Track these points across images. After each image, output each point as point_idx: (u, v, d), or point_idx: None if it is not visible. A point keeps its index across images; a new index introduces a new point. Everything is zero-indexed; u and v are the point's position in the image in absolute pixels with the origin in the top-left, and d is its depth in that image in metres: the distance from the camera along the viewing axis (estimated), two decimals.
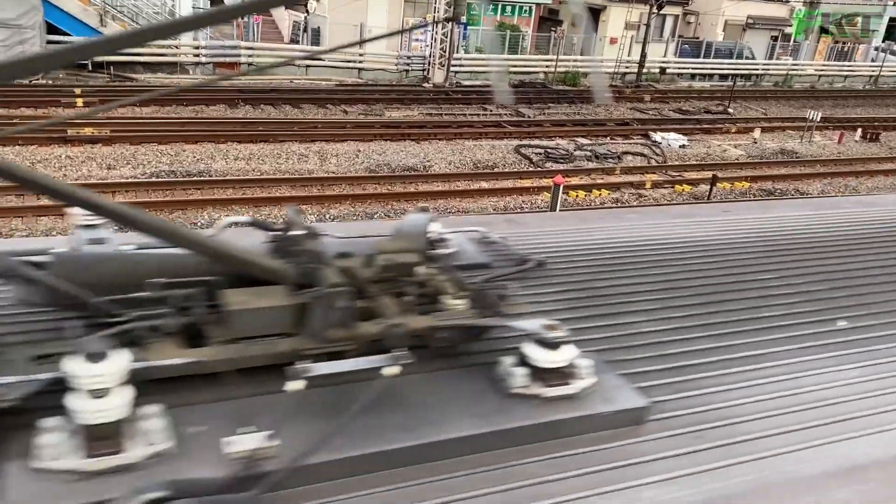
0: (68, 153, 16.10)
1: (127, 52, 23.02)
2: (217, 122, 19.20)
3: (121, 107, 19.57)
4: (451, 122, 22.02)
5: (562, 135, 21.66)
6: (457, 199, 15.95)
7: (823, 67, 37.69)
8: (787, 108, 29.00)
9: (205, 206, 14.13)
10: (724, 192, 17.94)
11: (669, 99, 28.68)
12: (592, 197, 16.89)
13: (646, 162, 20.05)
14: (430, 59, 26.82)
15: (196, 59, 24.52)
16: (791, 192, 18.73)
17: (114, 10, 23.29)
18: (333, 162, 17.53)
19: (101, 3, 22.86)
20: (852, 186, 19.54)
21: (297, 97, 22.63)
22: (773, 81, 35.01)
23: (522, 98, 26.01)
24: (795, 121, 25.62)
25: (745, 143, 23.19)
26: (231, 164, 16.68)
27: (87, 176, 15.02)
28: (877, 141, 24.68)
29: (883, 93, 35.38)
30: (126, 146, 16.88)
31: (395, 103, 23.69)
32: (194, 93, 21.48)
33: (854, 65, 38.83)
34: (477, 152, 19.31)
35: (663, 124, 23.99)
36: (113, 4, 23.44)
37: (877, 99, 33.61)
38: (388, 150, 18.82)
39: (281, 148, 18.00)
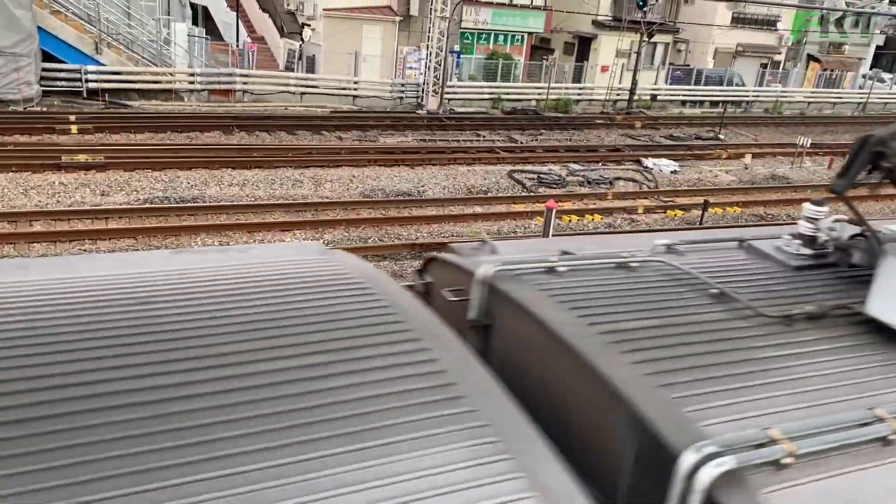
0: (62, 179, 16.05)
1: (122, 80, 23.20)
2: (211, 149, 19.18)
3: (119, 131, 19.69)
4: (444, 147, 22.10)
5: (554, 160, 21.76)
6: (450, 223, 15.97)
7: (812, 94, 38.09)
8: (777, 133, 29.24)
9: (198, 232, 14.11)
10: (716, 216, 18.03)
11: (660, 125, 28.89)
12: (585, 222, 16.91)
13: (638, 187, 20.11)
14: (424, 87, 26.98)
15: (191, 85, 24.57)
16: (783, 217, 18.80)
17: (109, 37, 23.35)
18: (328, 187, 17.56)
19: (97, 30, 22.93)
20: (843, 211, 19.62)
21: (292, 124, 22.70)
22: (763, 108, 35.31)
23: (515, 125, 26.20)
24: (786, 146, 25.79)
25: (736, 168, 23.32)
26: (225, 190, 16.67)
27: (80, 202, 14.98)
28: None
29: (871, 119, 35.70)
30: (120, 172, 16.85)
31: (390, 129, 23.77)
32: (189, 119, 21.57)
33: (842, 92, 39.25)
34: (470, 177, 19.38)
35: (655, 150, 24.15)
36: (108, 32, 23.50)
37: (865, 125, 33.82)
38: (383, 175, 18.88)
39: (275, 174, 18.02)
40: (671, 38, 36.39)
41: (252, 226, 14.60)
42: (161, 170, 17.26)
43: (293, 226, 14.86)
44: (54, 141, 18.47)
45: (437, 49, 26.35)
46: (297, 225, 14.91)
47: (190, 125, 21.12)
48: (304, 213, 15.64)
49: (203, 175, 17.30)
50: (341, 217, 15.52)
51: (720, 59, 37.54)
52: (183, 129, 20.83)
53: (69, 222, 13.98)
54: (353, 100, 27.01)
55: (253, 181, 17.31)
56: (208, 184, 16.85)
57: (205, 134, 20.77)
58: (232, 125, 21.64)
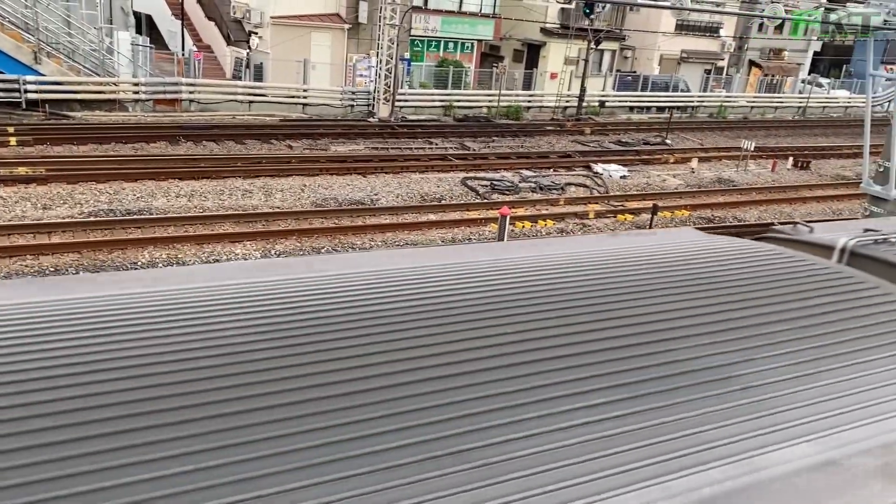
0: (1, 193, 15.51)
1: (63, 90, 22.56)
2: (158, 160, 18.81)
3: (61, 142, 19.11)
4: (397, 155, 22.06)
5: (507, 167, 21.90)
6: (405, 231, 15.94)
7: (755, 99, 39.06)
8: (722, 138, 29.89)
9: (146, 245, 13.77)
10: (665, 220, 18.31)
11: (609, 131, 29.27)
12: (538, 227, 17.03)
13: (588, 193, 20.32)
14: (375, 95, 26.89)
15: (136, 95, 24.05)
16: (730, 220, 19.20)
17: (49, 47, 22.70)
18: (279, 197, 17.33)
19: (36, 39, 22.27)
20: (787, 213, 20.14)
21: (241, 133, 22.39)
22: (708, 113, 36.10)
23: (467, 132, 26.27)
24: (731, 150, 26.38)
25: (683, 172, 23.73)
26: (172, 202, 16.32)
27: (21, 216, 14.50)
28: (807, 169, 25.56)
29: (811, 123, 36.84)
30: (63, 185, 16.36)
31: (341, 138, 23.64)
32: (134, 129, 21.10)
33: (783, 96, 40.32)
34: (424, 185, 19.36)
35: (604, 156, 24.46)
36: (48, 41, 22.83)
37: (805, 129, 34.97)
38: (335, 184, 18.73)
39: (224, 184, 17.72)
40: (618, 46, 36.95)
41: (201, 237, 14.31)
42: (105, 182, 16.81)
43: (243, 237, 14.64)
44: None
45: (387, 57, 26.32)
46: (247, 236, 14.69)
47: (135, 136, 20.65)
48: (255, 224, 15.41)
49: (149, 186, 16.91)
50: (293, 227, 15.32)
51: (665, 65, 38.25)
52: (128, 139, 20.34)
53: (9, 237, 13.50)
54: (303, 108, 26.78)
55: (201, 192, 16.98)
56: (155, 195, 16.47)
57: (150, 145, 20.32)
58: (178, 135, 21.22)
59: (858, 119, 30.00)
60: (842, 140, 31.29)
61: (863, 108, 14.50)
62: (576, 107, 31.45)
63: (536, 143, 26.18)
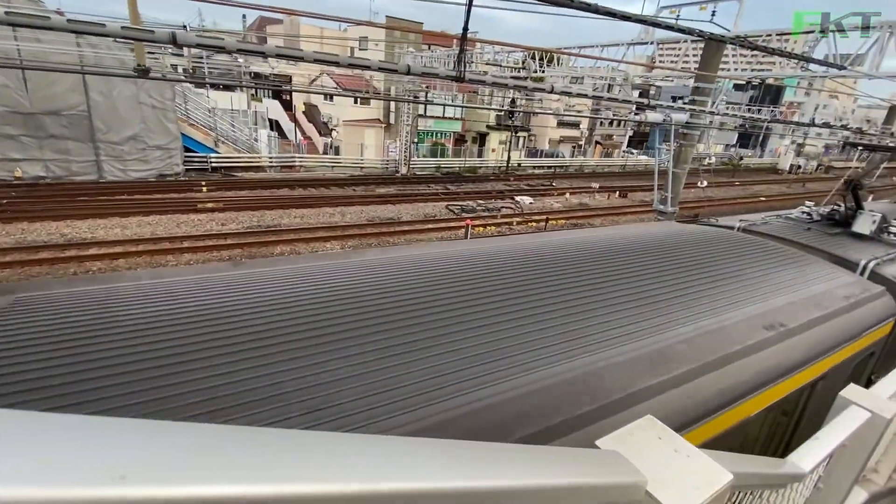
0: (199, 217, 15.37)
1: (231, 162, 22.27)
2: (283, 198, 18.62)
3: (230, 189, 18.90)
4: (411, 193, 21.93)
5: (470, 199, 21.81)
6: (415, 233, 15.90)
7: (598, 161, 39.09)
8: (582, 182, 29.88)
9: (278, 244, 13.71)
10: (552, 225, 18.33)
11: (523, 179, 29.19)
12: (487, 230, 17.03)
13: (512, 211, 20.32)
14: (399, 161, 26.70)
15: (270, 164, 23.78)
16: (585, 224, 19.25)
17: (221, 138, 22.43)
18: (349, 216, 17.26)
19: (215, 134, 21.99)
20: (615, 220, 20.20)
21: (327, 183, 22.16)
22: (574, 168, 36.04)
23: (448, 181, 26.17)
24: (586, 188, 26.43)
25: (562, 200, 23.77)
26: (292, 221, 16.22)
27: (209, 230, 14.37)
28: (626, 197, 25.67)
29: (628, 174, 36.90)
30: (232, 213, 16.25)
31: (381, 185, 23.45)
32: (270, 182, 20.87)
33: (613, 160, 40.33)
34: (425, 209, 19.31)
35: (521, 192, 24.42)
36: (221, 135, 22.57)
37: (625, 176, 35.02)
38: (378, 209, 18.65)
39: (320, 210, 17.62)
40: (527, 133, 36.84)
41: (308, 239, 14.26)
42: (255, 210, 16.70)
43: (330, 238, 14.58)
44: (193, 196, 17.66)
45: (405, 141, 26.13)
46: (332, 238, 14.63)
47: (270, 185, 20.45)
48: (336, 231, 15.38)
49: (278, 213, 16.80)
50: (357, 233, 15.31)
51: (552, 143, 38.18)
52: (266, 187, 20.16)
53: (204, 240, 13.38)
54: (361, 169, 26.55)
55: (307, 215, 16.90)
56: (283, 217, 16.37)
57: (279, 190, 20.13)
58: (294, 185, 21.01)
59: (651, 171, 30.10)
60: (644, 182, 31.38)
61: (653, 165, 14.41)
62: (505, 166, 31.37)
63: (485, 186, 26.07)
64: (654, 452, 0.76)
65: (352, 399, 1.46)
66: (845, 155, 45.07)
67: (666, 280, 2.76)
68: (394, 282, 2.40)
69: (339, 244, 14.25)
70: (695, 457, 0.77)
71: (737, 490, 1.02)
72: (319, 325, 1.84)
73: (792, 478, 1.23)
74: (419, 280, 2.46)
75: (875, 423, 1.58)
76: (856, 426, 1.52)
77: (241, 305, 1.94)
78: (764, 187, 32.95)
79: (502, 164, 31.87)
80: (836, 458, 1.61)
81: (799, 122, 12.46)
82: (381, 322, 1.93)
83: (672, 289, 2.63)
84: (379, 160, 27.67)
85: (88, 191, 16.36)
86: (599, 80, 20.35)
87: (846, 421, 1.53)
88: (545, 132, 37.09)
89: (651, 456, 0.75)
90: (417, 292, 2.29)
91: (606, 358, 1.85)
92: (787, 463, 1.26)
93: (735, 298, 2.68)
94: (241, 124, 23.82)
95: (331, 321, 1.88)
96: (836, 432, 1.47)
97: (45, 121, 16.29)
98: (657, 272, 2.86)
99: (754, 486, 1.09)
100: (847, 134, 13.62)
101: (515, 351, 1.83)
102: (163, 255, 12.11)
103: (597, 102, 33.92)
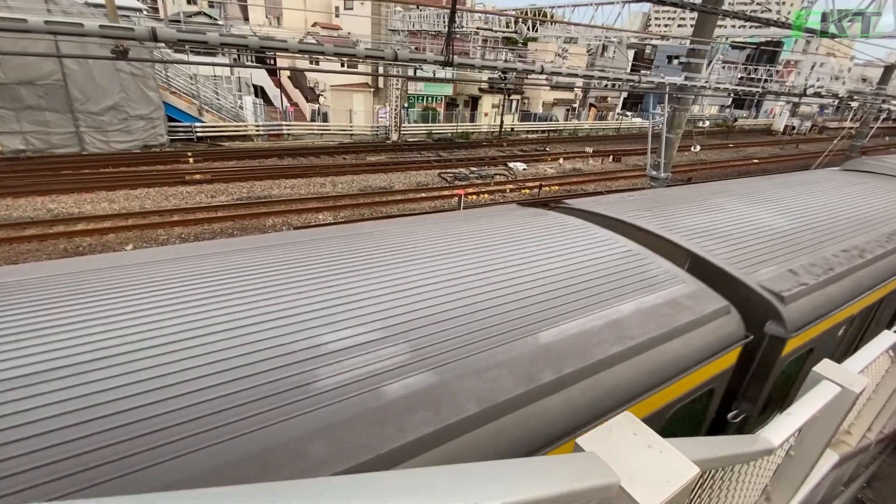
0: (187, 190, 15.11)
1: (216, 131, 21.65)
2: (273, 168, 18.27)
3: (218, 160, 18.47)
4: (403, 161, 21.60)
5: (463, 166, 21.59)
6: (408, 202, 15.80)
7: (592, 124, 38.46)
8: (575, 146, 29.53)
9: (269, 216, 13.59)
10: (546, 192, 18.28)
11: (516, 145, 28.79)
12: (480, 199, 16.98)
13: (506, 178, 20.17)
14: (389, 128, 26.12)
15: (257, 132, 23.16)
16: (578, 191, 19.22)
17: (206, 106, 21.70)
18: (340, 187, 17.04)
19: (199, 103, 21.24)
20: (608, 185, 20.17)
21: (317, 152, 21.68)
22: (568, 132, 35.52)
23: (440, 147, 25.74)
24: (580, 153, 26.18)
25: (555, 165, 23.60)
26: (283, 191, 16.01)
27: (199, 202, 14.16)
28: (620, 161, 25.51)
29: (622, 136, 36.43)
30: (221, 184, 15.96)
31: (372, 152, 23.02)
32: (258, 152, 20.39)
33: (608, 122, 39.72)
34: (417, 177, 19.10)
35: (513, 158, 24.16)
36: (205, 103, 21.81)
37: (619, 140, 34.61)
38: (370, 178, 18.42)
39: (310, 181, 17.36)
40: (520, 97, 35.97)
41: (300, 210, 14.10)
42: (244, 181, 16.42)
43: (322, 209, 14.45)
44: (180, 167, 17.26)
45: (395, 106, 25.45)
46: (324, 209, 14.49)
47: (258, 155, 19.96)
48: (328, 202, 15.21)
49: (268, 183, 16.54)
50: (349, 203, 15.16)
51: (545, 106, 37.41)
52: (254, 157, 19.69)
53: (194, 213, 13.22)
54: (351, 136, 25.96)
55: (297, 185, 16.66)
56: (272, 188, 16.13)
57: (267, 160, 19.68)
58: (283, 154, 20.55)
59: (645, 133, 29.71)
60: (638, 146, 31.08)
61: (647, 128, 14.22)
62: (498, 131, 30.83)
63: (477, 152, 25.72)
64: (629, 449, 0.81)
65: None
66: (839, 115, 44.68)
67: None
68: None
69: (332, 215, 14.13)
70: (667, 452, 0.82)
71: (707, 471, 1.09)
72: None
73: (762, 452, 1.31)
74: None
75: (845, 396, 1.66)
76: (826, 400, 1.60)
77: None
78: (758, 149, 32.81)
79: (495, 128, 31.26)
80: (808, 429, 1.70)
81: (790, 94, 12.29)
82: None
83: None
84: (369, 127, 27.00)
85: (72, 164, 15.92)
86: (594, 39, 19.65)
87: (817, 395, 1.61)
88: (539, 94, 36.18)
89: (626, 453, 0.80)
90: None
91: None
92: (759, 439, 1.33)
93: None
94: (226, 91, 22.98)
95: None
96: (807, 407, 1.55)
97: (20, 91, 15.63)
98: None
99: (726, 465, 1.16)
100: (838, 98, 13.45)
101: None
102: (153, 230, 11.97)
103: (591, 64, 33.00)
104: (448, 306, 1.91)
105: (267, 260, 2.21)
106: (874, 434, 3.68)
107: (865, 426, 2.92)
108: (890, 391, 2.90)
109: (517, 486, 0.57)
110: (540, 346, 1.80)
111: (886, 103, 15.90)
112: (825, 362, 1.73)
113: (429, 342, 1.66)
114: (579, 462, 0.73)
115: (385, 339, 1.65)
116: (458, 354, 1.66)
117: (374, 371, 1.52)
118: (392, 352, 1.60)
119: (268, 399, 1.40)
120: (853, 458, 2.89)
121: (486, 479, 0.56)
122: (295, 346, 1.59)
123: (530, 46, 29.66)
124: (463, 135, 29.62)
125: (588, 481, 0.68)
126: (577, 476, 0.67)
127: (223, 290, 1.88)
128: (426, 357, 1.61)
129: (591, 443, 0.81)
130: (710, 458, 0.96)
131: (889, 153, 11.44)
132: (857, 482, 4.72)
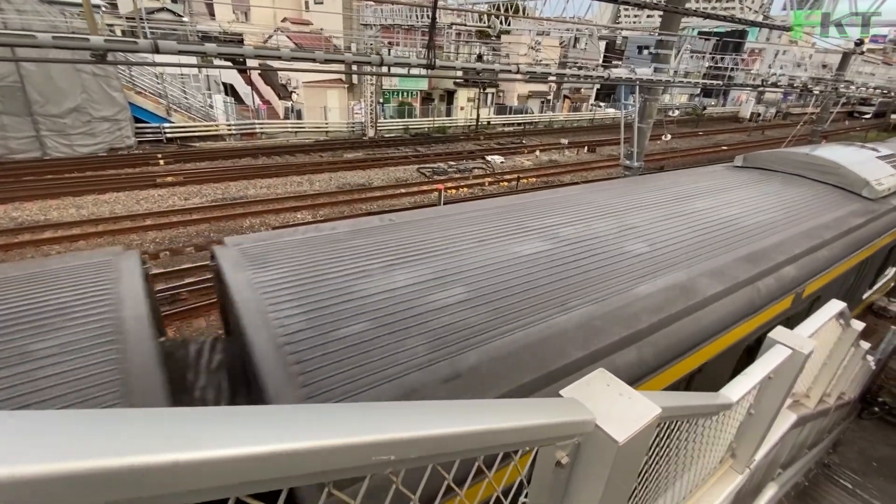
0: (159, 193, 14.77)
1: (186, 131, 21.14)
2: (246, 168, 17.98)
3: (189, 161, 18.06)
4: (380, 157, 21.55)
5: (441, 160, 21.70)
6: (387, 199, 15.83)
7: (567, 116, 39.00)
8: (551, 138, 29.94)
9: (245, 217, 13.44)
10: (523, 184, 18.56)
11: (493, 138, 29.03)
12: (460, 193, 17.12)
13: (484, 172, 20.37)
14: (365, 124, 25.97)
15: (229, 132, 22.71)
16: (556, 182, 19.57)
17: (174, 106, 21.13)
18: (317, 185, 16.93)
19: (166, 102, 20.68)
20: (584, 175, 20.58)
21: (292, 150, 21.41)
22: (543, 125, 35.94)
23: (417, 142, 25.75)
24: (556, 145, 26.57)
25: (531, 158, 23.90)
26: (259, 191, 15.81)
27: (172, 205, 13.88)
28: (594, 152, 26.01)
29: (596, 127, 37.06)
30: (194, 186, 15.65)
31: (348, 149, 22.87)
32: (230, 152, 20.02)
33: (582, 114, 40.31)
34: (396, 173, 19.11)
35: (491, 152, 24.36)
36: (173, 102, 21.23)
37: (593, 130, 35.23)
38: (347, 175, 18.34)
39: (287, 179, 17.19)
40: (495, 90, 36.20)
41: (277, 210, 13.99)
42: (218, 182, 16.15)
43: (301, 208, 14.36)
44: (150, 170, 16.83)
45: (370, 102, 25.31)
46: (302, 207, 14.41)
47: (231, 155, 19.61)
48: (306, 200, 15.12)
49: (243, 184, 16.31)
50: (327, 201, 15.10)
51: (520, 99, 37.74)
52: (227, 157, 19.35)
53: (168, 217, 12.97)
54: (326, 134, 25.71)
55: (273, 185, 16.47)
56: (248, 188, 15.92)
57: (241, 160, 19.35)
58: (257, 153, 20.24)
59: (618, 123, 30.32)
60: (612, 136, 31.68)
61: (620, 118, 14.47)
62: (475, 125, 31.00)
63: (455, 146, 25.86)
64: (604, 397, 0.98)
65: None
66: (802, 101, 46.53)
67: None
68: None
69: (311, 214, 14.07)
70: (636, 398, 1.00)
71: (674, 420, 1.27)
72: None
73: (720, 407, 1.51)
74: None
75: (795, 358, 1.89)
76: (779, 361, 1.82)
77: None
78: (727, 136, 33.93)
79: (472, 122, 31.41)
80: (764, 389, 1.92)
81: (753, 85, 12.94)
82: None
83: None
84: (344, 123, 26.76)
85: (34, 170, 15.35)
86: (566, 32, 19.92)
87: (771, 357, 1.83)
88: (514, 87, 36.48)
89: (601, 400, 0.97)
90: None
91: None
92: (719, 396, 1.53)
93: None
94: (194, 90, 22.43)
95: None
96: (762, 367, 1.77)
97: None
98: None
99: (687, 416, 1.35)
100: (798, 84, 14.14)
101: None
102: (125, 235, 11.70)
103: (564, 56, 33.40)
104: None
105: (489, 222, 3.33)
106: (833, 399, 4.01)
107: (822, 390, 3.21)
108: (842, 356, 3.20)
109: (512, 414, 0.72)
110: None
111: (846, 88, 16.75)
112: (778, 328, 1.96)
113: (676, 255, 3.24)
114: (564, 404, 0.89)
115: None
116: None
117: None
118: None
119: (537, 307, 2.34)
120: (812, 420, 3.18)
121: (488, 411, 0.71)
122: (540, 280, 2.58)
123: (504, 39, 29.82)
124: (440, 129, 29.67)
125: (571, 417, 0.84)
126: (562, 413, 0.84)
127: (472, 242, 2.88)
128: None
129: (572, 392, 0.98)
130: (673, 406, 1.14)
131: (847, 136, 12.14)
132: (821, 446, 5.11)
